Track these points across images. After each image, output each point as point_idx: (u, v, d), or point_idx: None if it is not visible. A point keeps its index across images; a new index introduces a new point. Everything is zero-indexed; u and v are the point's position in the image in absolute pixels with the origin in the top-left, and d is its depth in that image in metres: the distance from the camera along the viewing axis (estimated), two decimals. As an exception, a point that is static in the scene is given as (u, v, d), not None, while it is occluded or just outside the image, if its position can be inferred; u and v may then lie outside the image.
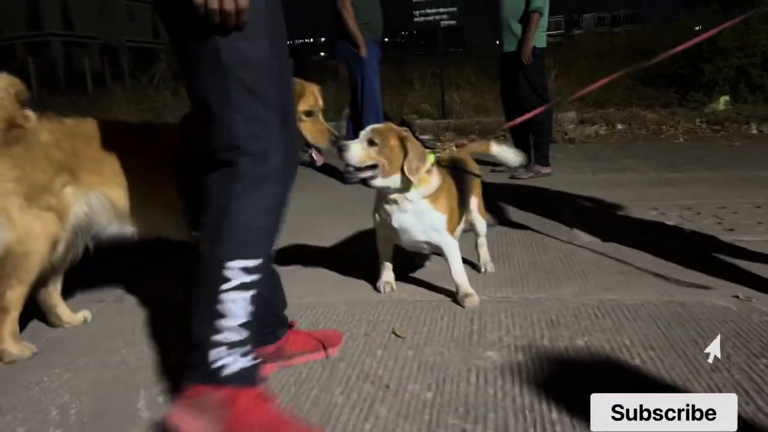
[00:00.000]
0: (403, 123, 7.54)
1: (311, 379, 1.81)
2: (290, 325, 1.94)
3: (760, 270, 2.52)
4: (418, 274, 2.77)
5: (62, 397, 1.77)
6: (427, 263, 2.89)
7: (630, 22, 25.76)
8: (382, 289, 2.52)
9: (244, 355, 1.45)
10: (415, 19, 8.73)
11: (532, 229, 3.42)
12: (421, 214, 2.32)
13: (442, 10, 8.59)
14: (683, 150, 6.30)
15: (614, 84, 10.51)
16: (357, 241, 3.43)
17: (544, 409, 1.59)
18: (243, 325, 1.44)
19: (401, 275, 2.65)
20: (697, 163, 5.43)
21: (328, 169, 5.13)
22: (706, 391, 1.62)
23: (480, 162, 3.00)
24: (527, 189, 4.74)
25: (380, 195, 2.37)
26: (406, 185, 2.27)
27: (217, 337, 1.42)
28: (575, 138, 7.59)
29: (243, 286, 1.44)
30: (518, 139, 5.42)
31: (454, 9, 8.54)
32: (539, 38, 5.10)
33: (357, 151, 2.20)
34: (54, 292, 2.25)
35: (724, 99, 8.51)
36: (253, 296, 1.45)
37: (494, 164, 5.74)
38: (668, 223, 3.42)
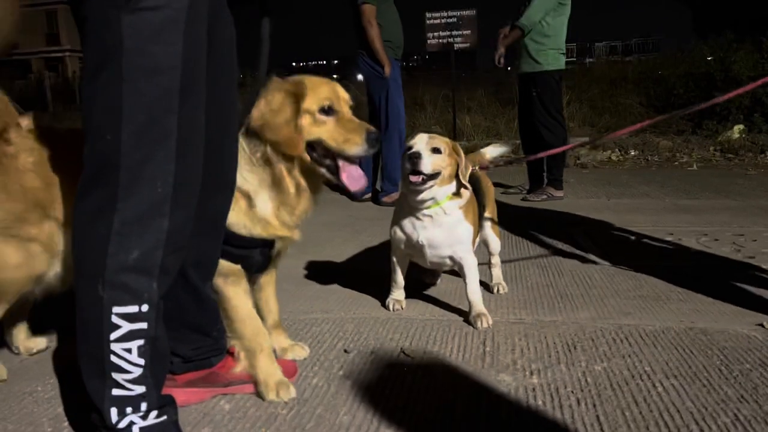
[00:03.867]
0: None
1: (315, 397, 1.72)
2: (230, 353, 1.77)
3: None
4: (428, 292, 2.69)
5: (56, 408, 1.70)
6: (438, 282, 2.81)
7: (642, 51, 25.86)
8: (391, 307, 2.45)
9: (147, 411, 1.34)
10: (429, 41, 8.75)
11: (546, 252, 3.34)
12: (452, 227, 2.26)
13: (455, 32, 8.61)
14: (698, 177, 6.22)
15: (628, 111, 10.50)
16: (366, 257, 3.36)
17: (561, 437, 1.50)
18: (141, 378, 1.31)
19: (410, 293, 2.57)
20: (713, 190, 5.34)
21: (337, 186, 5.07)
22: (733, 423, 1.53)
23: (493, 184, 2.93)
24: (540, 212, 4.66)
25: (407, 210, 2.30)
26: (452, 194, 2.23)
27: (115, 393, 1.30)
28: (588, 163, 7.52)
29: (133, 334, 1.29)
30: (532, 162, 5.37)
31: (468, 32, 8.56)
32: (557, 60, 5.08)
33: (430, 161, 2.13)
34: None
35: (738, 128, 8.44)
36: (146, 342, 1.30)
37: (506, 186, 5.69)
38: (685, 249, 3.33)
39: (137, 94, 1.22)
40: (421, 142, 2.17)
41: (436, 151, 2.16)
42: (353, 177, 1.71)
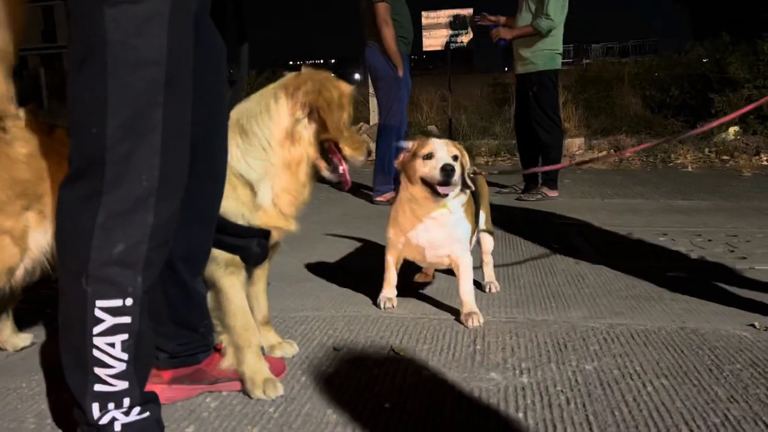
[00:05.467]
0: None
1: (303, 396, 1.71)
2: (217, 349, 1.75)
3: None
4: (420, 291, 2.68)
5: (40, 405, 1.68)
6: (432, 280, 2.80)
7: (639, 53, 25.89)
8: (382, 305, 2.43)
9: (130, 407, 1.32)
10: (425, 40, 8.74)
11: (539, 251, 3.33)
12: (453, 226, 2.27)
13: (452, 32, 8.59)
14: (693, 178, 6.22)
15: (623, 112, 10.50)
16: (359, 256, 3.35)
17: (550, 436, 1.49)
18: (124, 373, 1.29)
19: (402, 292, 2.56)
20: (708, 191, 5.34)
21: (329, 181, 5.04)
22: (723, 423, 1.52)
23: (487, 183, 2.92)
24: (534, 212, 4.65)
25: (409, 213, 2.29)
26: (456, 195, 2.23)
27: (97, 389, 1.28)
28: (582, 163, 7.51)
29: (117, 329, 1.27)
30: (527, 161, 5.37)
31: (465, 31, 8.55)
32: (553, 60, 5.07)
33: (457, 170, 2.12)
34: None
35: (733, 129, 8.45)
36: (130, 337, 1.28)
37: (501, 185, 5.69)
38: (679, 249, 3.32)
39: (122, 88, 1.21)
40: (443, 151, 2.14)
41: (455, 158, 2.16)
42: (347, 174, 1.85)
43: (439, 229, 2.27)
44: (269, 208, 1.73)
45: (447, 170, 2.09)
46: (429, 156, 2.14)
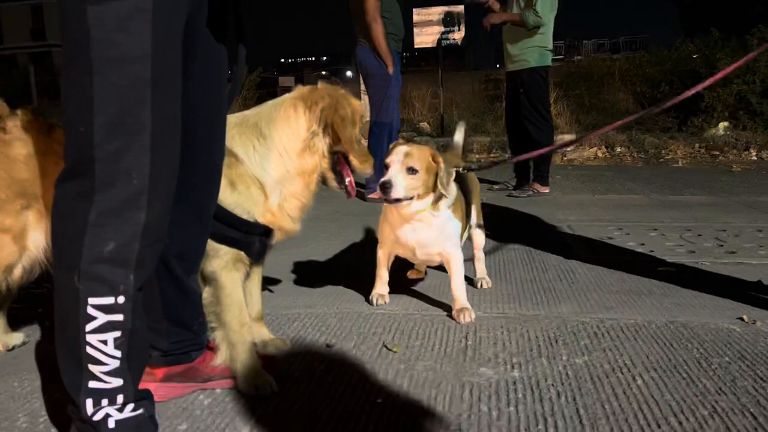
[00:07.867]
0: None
1: (296, 392, 1.72)
2: (210, 347, 1.75)
3: (764, 293, 2.44)
4: (413, 287, 2.69)
5: (32, 404, 1.68)
6: (425, 276, 2.81)
7: (629, 49, 25.99)
8: (374, 302, 2.44)
9: (124, 404, 1.32)
10: (417, 37, 8.75)
11: (531, 247, 3.35)
12: (442, 226, 2.27)
13: (444, 29, 8.61)
14: (683, 174, 6.27)
15: (614, 108, 10.56)
16: (351, 253, 3.36)
17: (540, 429, 1.50)
18: (118, 370, 1.30)
19: (395, 288, 2.57)
20: (698, 187, 5.39)
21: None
22: (711, 415, 1.54)
23: (478, 179, 2.93)
24: (525, 208, 4.67)
25: (398, 216, 2.28)
26: (435, 201, 2.22)
27: (91, 385, 1.29)
28: (574, 159, 7.56)
29: (109, 326, 1.27)
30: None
31: (456, 28, 8.57)
32: (544, 57, 5.09)
33: (403, 185, 2.11)
34: None
35: (723, 125, 8.51)
36: (123, 334, 1.28)
37: (492, 182, 5.71)
38: (669, 244, 3.35)
39: (107, 85, 1.20)
40: (396, 165, 2.14)
41: (411, 171, 2.13)
42: (353, 185, 1.96)
43: (427, 229, 2.27)
44: (278, 211, 1.80)
45: (385, 187, 2.10)
46: (387, 166, 2.16)
